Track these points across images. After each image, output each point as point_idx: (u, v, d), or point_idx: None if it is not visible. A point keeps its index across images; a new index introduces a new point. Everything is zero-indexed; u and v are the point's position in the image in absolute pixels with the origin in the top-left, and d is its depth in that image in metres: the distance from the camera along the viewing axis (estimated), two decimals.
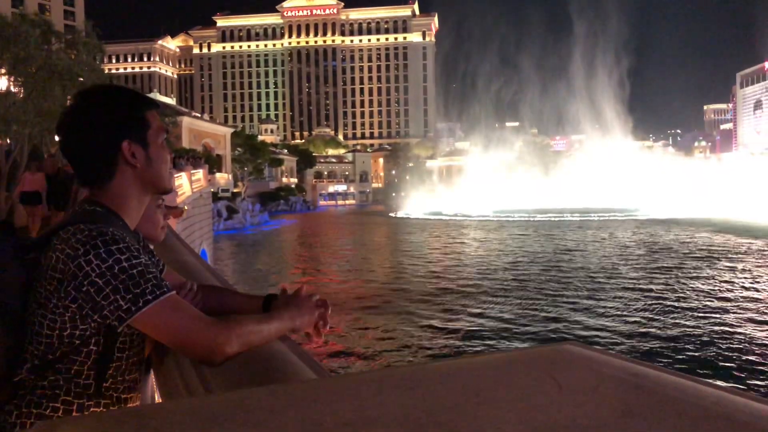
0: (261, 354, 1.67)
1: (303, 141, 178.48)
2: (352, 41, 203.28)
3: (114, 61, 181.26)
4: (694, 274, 23.25)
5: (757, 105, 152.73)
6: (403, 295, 19.49)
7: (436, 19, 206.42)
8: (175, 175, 21.96)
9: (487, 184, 79.88)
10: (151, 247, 2.09)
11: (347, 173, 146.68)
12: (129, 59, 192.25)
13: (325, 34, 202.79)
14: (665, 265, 26.08)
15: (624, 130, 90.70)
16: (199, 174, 37.57)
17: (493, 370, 0.89)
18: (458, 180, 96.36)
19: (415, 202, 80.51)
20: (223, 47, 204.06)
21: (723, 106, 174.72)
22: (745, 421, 0.67)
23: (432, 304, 17.94)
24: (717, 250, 30.42)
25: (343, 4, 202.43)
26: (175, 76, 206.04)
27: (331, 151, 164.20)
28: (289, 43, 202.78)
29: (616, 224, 53.73)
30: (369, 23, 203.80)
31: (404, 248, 37.44)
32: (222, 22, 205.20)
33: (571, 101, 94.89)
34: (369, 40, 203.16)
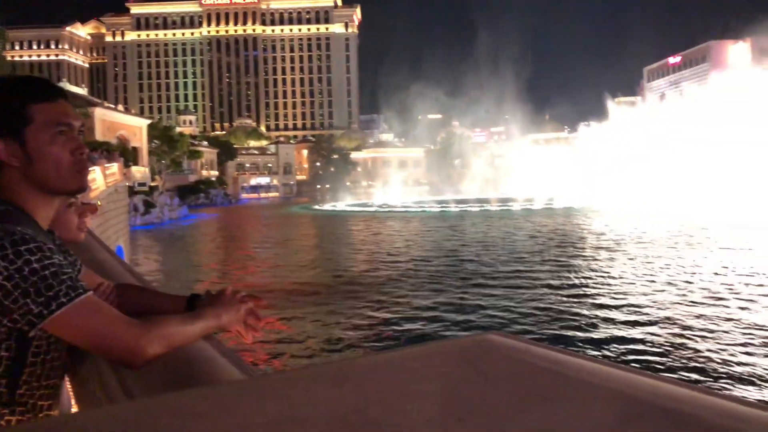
0: (184, 355, 1.61)
1: (224, 132, 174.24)
2: (273, 31, 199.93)
3: (18, 48, 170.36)
4: (593, 263, 24.43)
5: (662, 98, 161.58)
6: (330, 287, 19.44)
7: (358, 10, 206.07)
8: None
9: (412, 175, 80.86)
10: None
11: (270, 165, 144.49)
12: (35, 46, 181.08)
13: (245, 23, 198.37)
14: (566, 253, 27.29)
15: (539, 122, 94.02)
16: (114, 168, 36.06)
17: (419, 363, 0.89)
18: (383, 171, 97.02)
19: (341, 194, 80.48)
20: (138, 35, 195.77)
21: (632, 98, 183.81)
22: (651, 400, 0.72)
23: (358, 296, 17.99)
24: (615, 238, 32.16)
25: None
26: (87, 65, 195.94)
27: (253, 143, 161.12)
28: (208, 32, 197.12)
29: (529, 213, 55.76)
30: (291, 13, 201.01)
31: (329, 240, 37.37)
32: (136, 9, 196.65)
33: (488, 94, 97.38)
34: (291, 30, 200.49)
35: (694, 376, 10.37)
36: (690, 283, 19.00)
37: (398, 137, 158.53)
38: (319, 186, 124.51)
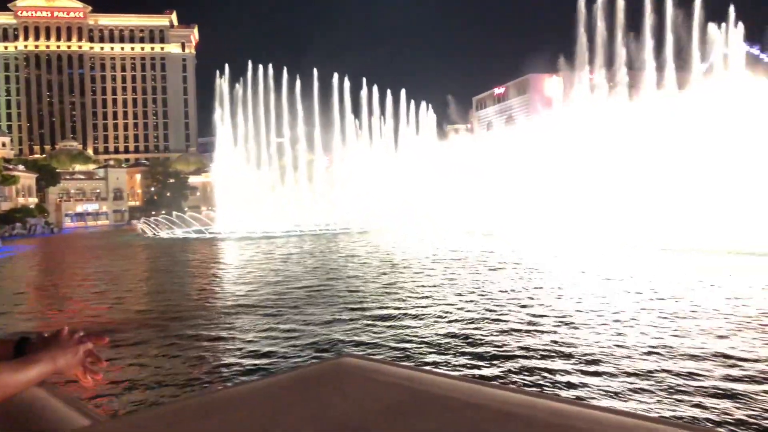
0: (17, 403, 1.48)
1: (44, 156, 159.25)
2: (102, 48, 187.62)
3: None
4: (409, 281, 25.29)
5: (489, 126, 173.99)
6: (171, 320, 18.07)
7: (196, 30, 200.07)
8: None
9: (252, 201, 79.00)
10: None
11: (99, 191, 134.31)
12: None
13: (69, 39, 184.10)
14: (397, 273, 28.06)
15: (372, 148, 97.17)
16: None
17: (285, 391, 0.91)
18: (225, 196, 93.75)
19: (178, 220, 76.64)
20: None
21: (463, 126, 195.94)
22: (496, 408, 0.78)
23: (200, 326, 16.88)
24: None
25: (90, 8, 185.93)
26: None
27: (79, 167, 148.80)
28: (25, 46, 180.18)
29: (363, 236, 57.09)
30: (122, 31, 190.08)
31: (165, 270, 35.13)
32: None
33: (327, 119, 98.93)
34: (122, 49, 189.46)
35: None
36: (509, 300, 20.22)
37: (240, 161, 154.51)
38: (153, 212, 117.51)
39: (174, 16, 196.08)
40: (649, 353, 12.42)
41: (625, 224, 38.98)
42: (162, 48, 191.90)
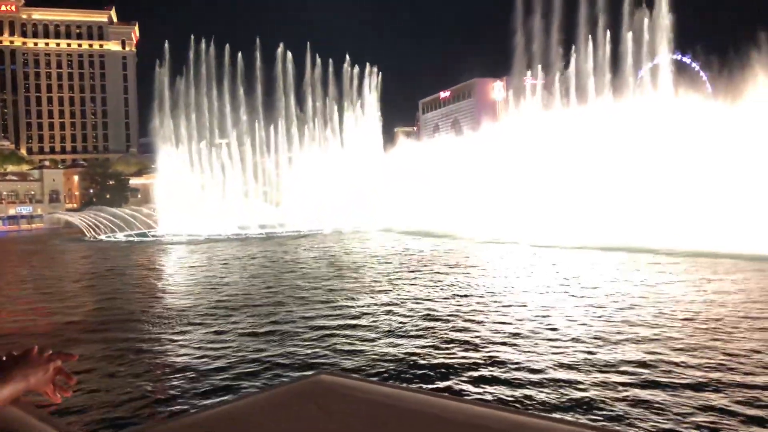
0: None
1: None
2: (36, 44, 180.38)
3: None
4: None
5: (435, 128, 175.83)
6: (116, 329, 17.53)
7: (136, 28, 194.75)
8: None
9: (197, 202, 77.52)
10: None
11: (33, 192, 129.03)
12: None
13: (0, 33, 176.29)
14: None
15: (322, 153, 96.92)
16: None
17: (262, 412, 0.92)
18: (167, 198, 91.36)
19: (118, 223, 74.40)
20: None
21: (410, 128, 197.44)
22: (473, 423, 0.82)
23: (150, 335, 16.45)
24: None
25: (23, 1, 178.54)
26: None
27: (11, 168, 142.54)
28: None
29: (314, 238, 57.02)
30: (58, 26, 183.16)
31: (107, 274, 34.04)
32: None
33: (272, 123, 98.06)
34: (58, 45, 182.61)
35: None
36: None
37: (182, 162, 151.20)
38: (93, 215, 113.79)
39: (113, 13, 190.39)
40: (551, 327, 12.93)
41: (557, 223, 41.54)
42: (101, 45, 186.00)
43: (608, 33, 59.64)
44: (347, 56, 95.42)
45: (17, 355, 1.67)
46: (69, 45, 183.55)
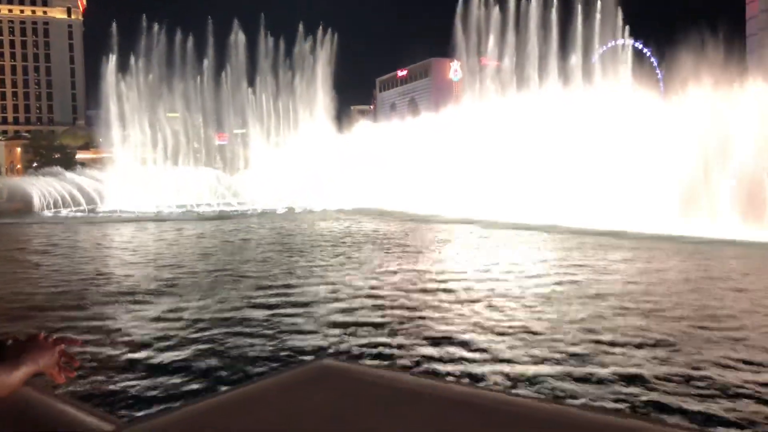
0: (13, 406, 1.62)
1: None
2: None
3: None
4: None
5: (392, 107, 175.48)
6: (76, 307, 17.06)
7: None
8: None
9: (151, 177, 75.67)
10: None
11: None
12: None
13: None
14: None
15: (275, 130, 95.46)
16: None
17: (269, 398, 0.94)
18: (118, 172, 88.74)
19: (69, 198, 71.87)
20: None
21: (366, 107, 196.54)
22: (461, 403, 0.87)
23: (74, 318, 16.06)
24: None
25: None
26: None
27: None
28: None
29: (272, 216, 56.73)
30: None
31: (61, 252, 32.94)
32: None
33: (225, 98, 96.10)
34: None
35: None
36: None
37: (131, 134, 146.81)
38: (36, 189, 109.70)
39: None
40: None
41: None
42: (44, 12, 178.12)
43: (557, 18, 60.40)
44: (300, 27, 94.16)
45: (25, 341, 1.82)
46: (10, 11, 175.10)
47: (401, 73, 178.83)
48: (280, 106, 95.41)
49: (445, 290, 18.36)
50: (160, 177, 75.91)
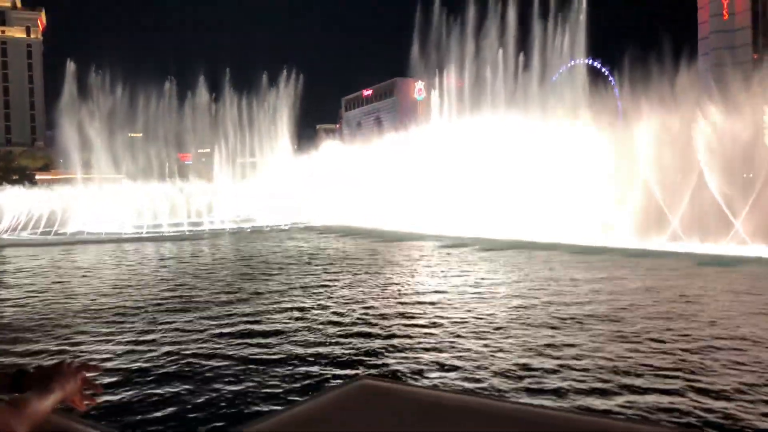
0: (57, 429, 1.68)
1: None
2: None
3: None
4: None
5: (358, 125, 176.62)
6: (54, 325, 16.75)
7: (43, 14, 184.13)
8: None
9: (118, 198, 74.32)
10: None
11: None
12: None
13: None
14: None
15: (240, 150, 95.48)
16: None
17: (315, 419, 0.94)
18: (83, 194, 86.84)
19: (28, 221, 69.95)
20: None
21: (333, 125, 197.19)
22: (499, 419, 0.89)
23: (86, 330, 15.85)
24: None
25: None
26: None
27: None
28: None
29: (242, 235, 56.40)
30: None
31: (24, 278, 32.20)
32: None
33: (187, 119, 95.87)
34: None
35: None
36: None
37: (96, 156, 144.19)
38: None
39: None
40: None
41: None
42: (3, 31, 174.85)
43: (516, 38, 61.80)
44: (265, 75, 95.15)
45: (49, 368, 1.85)
46: None
47: (366, 92, 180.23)
48: (246, 128, 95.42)
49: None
50: (123, 197, 74.69)
